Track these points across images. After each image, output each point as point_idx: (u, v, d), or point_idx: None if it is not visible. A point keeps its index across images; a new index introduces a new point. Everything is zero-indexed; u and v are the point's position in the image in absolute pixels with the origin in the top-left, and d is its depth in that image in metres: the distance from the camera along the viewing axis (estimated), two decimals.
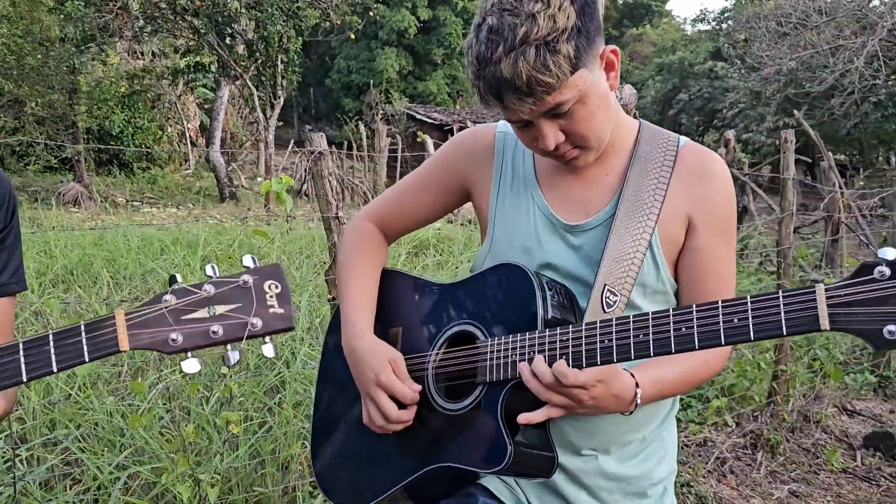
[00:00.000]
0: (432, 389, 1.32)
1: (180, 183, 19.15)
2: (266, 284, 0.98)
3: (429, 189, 1.48)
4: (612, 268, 1.25)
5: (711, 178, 1.30)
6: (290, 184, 2.15)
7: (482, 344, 1.25)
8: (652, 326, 1.06)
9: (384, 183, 15.99)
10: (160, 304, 0.96)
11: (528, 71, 1.11)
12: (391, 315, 1.45)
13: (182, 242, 6.54)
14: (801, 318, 0.94)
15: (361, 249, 1.49)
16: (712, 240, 1.29)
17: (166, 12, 14.78)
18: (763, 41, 18.91)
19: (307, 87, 35.07)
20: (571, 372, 1.09)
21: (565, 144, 1.23)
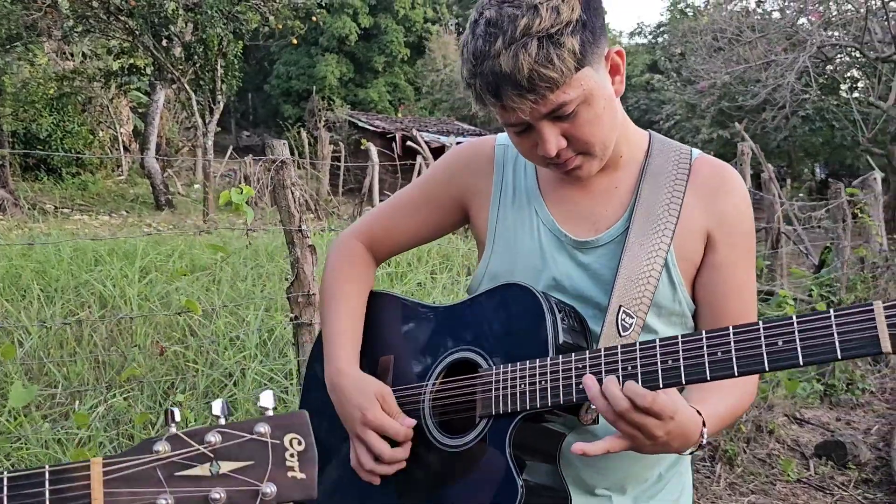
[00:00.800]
0: (430, 424, 1.19)
1: (113, 189, 18.47)
2: (287, 439, 0.78)
3: (423, 206, 1.37)
4: (626, 288, 1.16)
5: (730, 191, 1.22)
6: (250, 194, 2.00)
7: (486, 373, 1.14)
8: (683, 351, 0.97)
9: (327, 191, 15.77)
10: (150, 455, 0.76)
11: (530, 64, 1.01)
12: (381, 342, 1.32)
13: (118, 253, 6.24)
14: (858, 340, 0.87)
15: (348, 272, 1.37)
16: (734, 256, 1.20)
17: (98, 12, 14.24)
18: (698, 55, 19.46)
19: (245, 93, 34.43)
20: (650, 394, 0.95)
21: (567, 151, 1.12)
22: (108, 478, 0.75)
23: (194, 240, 7.18)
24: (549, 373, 1.06)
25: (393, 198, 1.42)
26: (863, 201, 5.69)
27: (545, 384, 1.06)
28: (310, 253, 2.21)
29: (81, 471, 0.74)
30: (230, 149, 22.67)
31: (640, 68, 27.55)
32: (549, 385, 1.06)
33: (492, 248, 1.29)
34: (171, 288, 5.15)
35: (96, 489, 0.74)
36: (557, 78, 1.03)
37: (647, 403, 0.95)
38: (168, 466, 0.75)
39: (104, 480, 0.75)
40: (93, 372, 3.63)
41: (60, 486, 0.74)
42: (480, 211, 1.32)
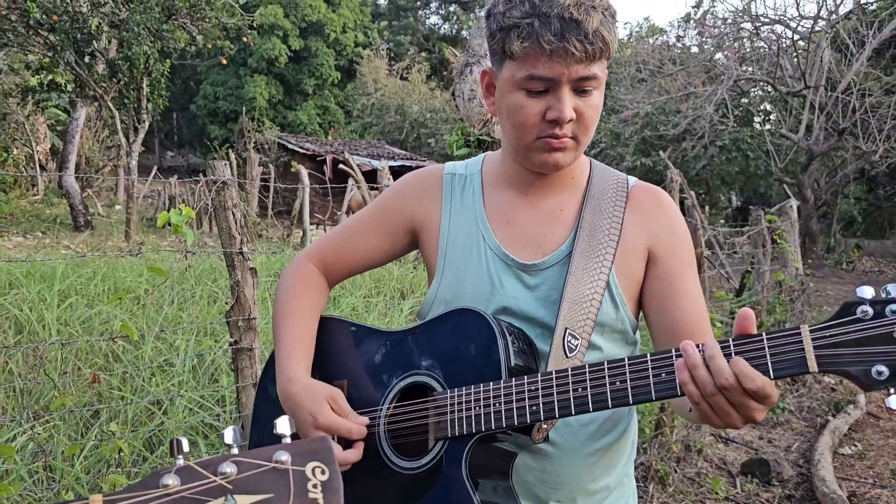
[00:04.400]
0: (385, 447, 1.20)
1: (27, 210, 17.65)
2: (309, 467, 0.70)
3: (374, 230, 1.40)
4: (571, 310, 1.21)
5: (664, 209, 1.30)
6: (190, 215, 1.94)
7: (441, 396, 1.16)
8: (630, 373, 1.02)
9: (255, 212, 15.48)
10: (157, 490, 0.67)
11: (598, 22, 1.11)
12: (334, 367, 1.33)
13: (35, 276, 5.94)
14: (788, 361, 0.93)
15: (299, 292, 1.38)
16: (676, 264, 1.27)
17: (17, 25, 13.68)
18: (622, 85, 20.13)
19: (170, 113, 33.66)
20: (759, 377, 0.95)
21: (569, 127, 1.18)
22: None
23: (117, 262, 6.92)
24: (502, 396, 1.10)
25: (346, 221, 1.45)
26: (780, 228, 5.96)
27: (499, 407, 1.09)
28: (251, 276, 2.16)
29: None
30: (154, 169, 22.04)
31: None
32: (503, 408, 1.09)
33: (441, 274, 1.32)
34: (94, 312, 4.94)
35: None
36: (610, 44, 1.14)
37: (755, 387, 0.94)
38: (178, 502, 0.67)
39: None
40: (9, 401, 3.43)
41: None
42: (430, 237, 1.36)
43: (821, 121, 15.40)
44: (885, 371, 0.89)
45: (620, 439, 1.30)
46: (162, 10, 14.12)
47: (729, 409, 0.96)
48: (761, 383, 0.94)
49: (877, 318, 0.90)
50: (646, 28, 27.44)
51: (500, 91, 1.21)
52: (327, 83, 32.87)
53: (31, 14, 13.13)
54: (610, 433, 1.28)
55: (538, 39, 1.11)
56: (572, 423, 1.24)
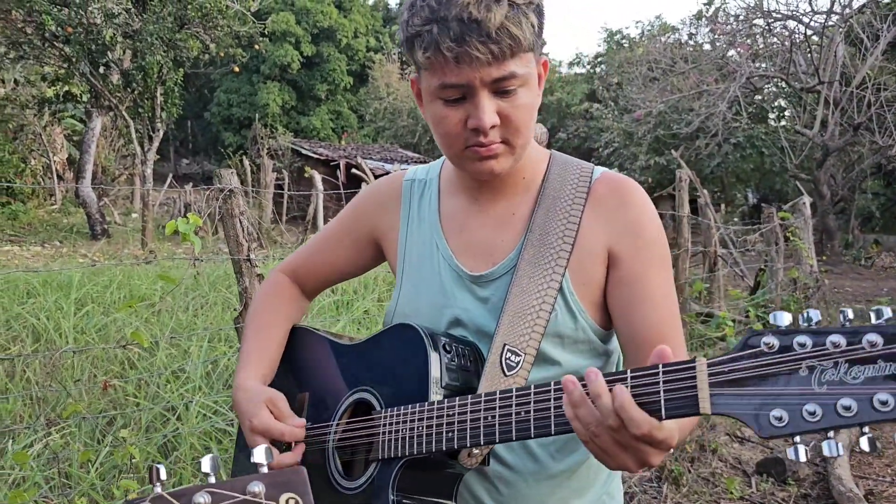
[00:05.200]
0: (332, 465, 1.17)
1: (45, 219, 17.86)
2: (283, 499, 0.70)
3: (341, 242, 1.38)
4: (512, 325, 1.11)
5: (629, 203, 1.17)
6: (198, 223, 1.97)
7: (377, 416, 1.12)
8: (535, 402, 0.94)
9: (270, 218, 15.58)
10: None
11: (502, 18, 1.00)
12: (300, 378, 1.32)
13: (52, 284, 6.02)
14: (680, 400, 0.81)
15: (266, 304, 1.39)
16: (640, 267, 1.14)
17: (33, 38, 13.87)
18: (634, 85, 20.07)
19: (184, 121, 33.91)
20: (646, 421, 0.83)
21: (495, 133, 1.08)
22: None
23: (132, 270, 6.99)
24: (425, 419, 1.04)
25: (316, 235, 1.44)
26: (793, 225, 5.92)
27: (422, 430, 1.04)
28: (258, 282, 2.19)
29: None
30: (169, 177, 22.22)
31: (578, 97, 28.17)
32: (425, 431, 1.04)
33: (401, 286, 1.28)
34: (109, 320, 5.00)
35: None
36: (521, 40, 1.03)
37: (640, 433, 0.83)
38: None
39: None
40: (27, 409, 3.48)
41: None
42: (391, 247, 1.32)
43: (836, 116, 15.26)
44: (785, 417, 0.75)
45: (589, 461, 1.19)
46: (174, 20, 14.27)
47: (617, 451, 0.87)
48: (647, 429, 0.83)
49: (781, 351, 0.76)
50: (658, 26, 27.37)
51: (424, 101, 1.13)
52: (340, 88, 32.99)
53: (47, 27, 13.31)
54: (574, 453, 1.18)
55: (438, 47, 1.02)
56: (530, 443, 1.16)
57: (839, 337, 0.73)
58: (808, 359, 0.74)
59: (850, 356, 0.72)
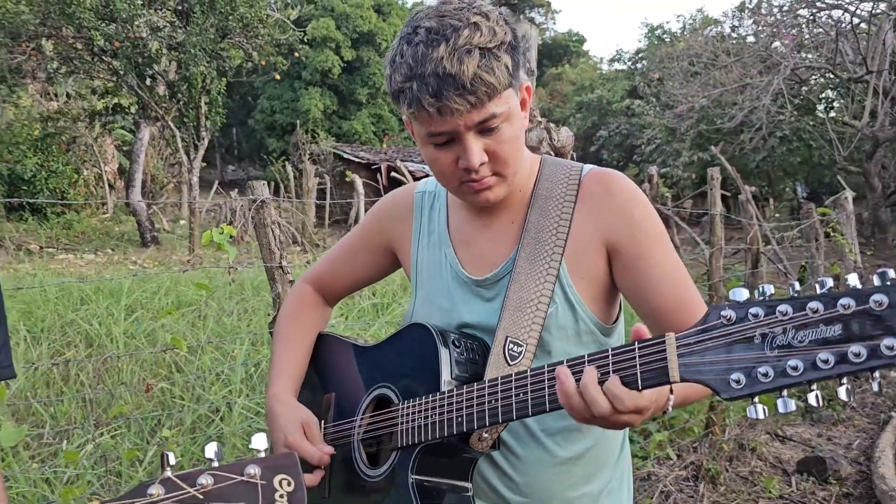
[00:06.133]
0: (357, 456, 1.29)
1: (98, 228, 18.43)
2: (276, 480, 0.81)
3: (359, 252, 1.48)
4: (513, 318, 1.20)
5: (615, 193, 1.23)
6: (231, 233, 2.08)
7: (395, 408, 1.23)
8: (531, 384, 1.04)
9: (312, 223, 15.83)
10: (144, 499, 0.79)
11: (475, 69, 1.07)
12: (325, 381, 1.44)
13: (104, 291, 6.26)
14: (653, 371, 0.91)
15: (293, 315, 1.50)
16: (640, 248, 1.20)
17: (83, 53, 14.37)
18: (676, 80, 19.80)
19: (229, 128, 34.60)
20: (630, 396, 0.95)
21: (485, 168, 1.17)
22: None
23: (180, 276, 7.22)
24: (436, 408, 1.14)
25: (336, 245, 1.53)
26: (835, 220, 5.82)
27: (434, 418, 1.14)
28: (290, 288, 2.28)
29: None
30: (215, 184, 22.72)
31: (619, 94, 27.92)
32: (438, 419, 1.14)
33: (415, 292, 1.38)
34: (157, 325, 5.18)
35: None
36: (496, 85, 1.09)
37: (628, 407, 0.94)
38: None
39: None
40: (80, 411, 3.65)
41: None
42: (405, 257, 1.42)
43: (885, 106, 14.85)
44: (742, 379, 0.83)
45: (596, 447, 1.28)
46: (216, 31, 14.61)
47: (606, 423, 0.98)
48: (632, 404, 0.94)
49: (738, 322, 0.85)
50: (700, 20, 26.95)
51: (417, 142, 1.21)
52: (380, 92, 33.25)
53: (95, 42, 13.77)
54: (580, 441, 1.26)
55: (420, 103, 1.10)
56: (537, 433, 1.25)
57: (786, 306, 0.82)
58: (761, 327, 0.83)
59: (795, 322, 0.81)
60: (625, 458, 1.39)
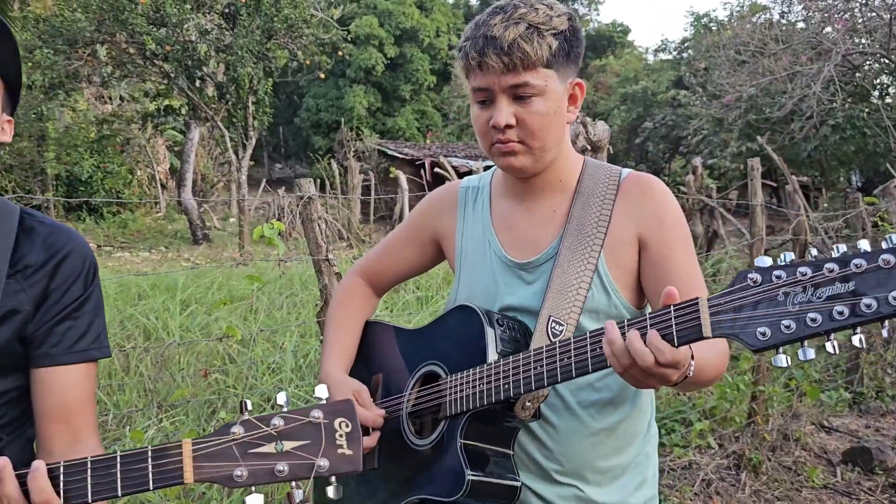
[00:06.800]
0: (406, 428, 1.40)
1: (152, 226, 19.01)
2: (337, 422, 0.95)
3: (406, 245, 1.61)
4: (556, 300, 1.33)
5: (651, 195, 1.37)
6: (280, 229, 2.20)
7: (443, 382, 1.35)
8: (575, 349, 1.16)
9: (358, 219, 16.06)
10: (228, 437, 0.93)
11: (515, 36, 1.25)
12: (373, 363, 1.56)
13: (160, 287, 6.52)
14: (688, 329, 1.02)
15: (343, 303, 1.63)
16: (667, 249, 1.34)
17: (135, 57, 14.84)
18: (723, 69, 19.44)
19: (276, 127, 35.18)
20: (668, 349, 1.04)
21: (513, 132, 1.31)
22: (197, 454, 0.93)
23: (232, 272, 7.46)
24: (484, 378, 1.26)
25: (384, 239, 1.67)
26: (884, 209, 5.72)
27: (482, 387, 1.26)
28: (337, 280, 2.40)
29: (176, 449, 0.94)
30: (263, 182, 23.17)
31: (665, 84, 27.54)
32: (484, 388, 1.25)
33: (459, 278, 1.50)
34: (211, 319, 5.40)
35: (187, 464, 0.92)
36: (530, 55, 1.25)
37: (668, 359, 1.04)
38: (242, 445, 0.92)
39: (193, 457, 0.93)
40: (141, 399, 3.85)
41: (160, 462, 0.94)
42: (449, 246, 1.54)
43: None
44: (768, 332, 0.94)
45: (627, 420, 1.40)
46: (262, 33, 14.93)
47: (645, 378, 1.08)
48: (671, 356, 1.04)
49: (763, 283, 0.96)
50: (747, 7, 26.38)
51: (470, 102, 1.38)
52: (423, 88, 33.45)
53: (147, 46, 14.21)
54: (613, 414, 1.38)
55: (467, 56, 1.30)
56: (573, 405, 1.36)
57: (806, 268, 0.94)
58: (783, 287, 0.95)
59: (814, 281, 0.93)
60: (652, 436, 1.49)
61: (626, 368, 1.08)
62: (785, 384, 4.62)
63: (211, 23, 14.73)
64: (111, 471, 0.94)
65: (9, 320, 1.15)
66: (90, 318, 1.23)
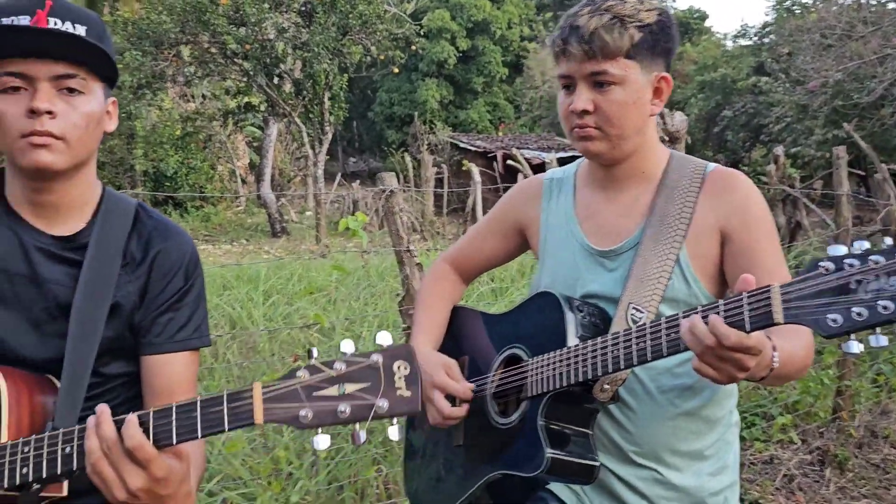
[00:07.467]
0: (490, 408, 1.47)
1: (233, 220, 19.67)
2: (395, 365, 0.98)
3: (491, 234, 1.69)
4: (637, 287, 1.38)
5: (735, 189, 1.40)
6: (364, 221, 2.29)
7: (524, 364, 1.41)
8: (650, 334, 1.19)
9: (431, 211, 16.22)
10: (294, 380, 0.99)
11: (597, 25, 1.32)
12: (460, 346, 1.63)
13: (243, 278, 6.78)
14: (759, 315, 1.04)
15: (431, 287, 1.72)
16: (751, 241, 1.36)
17: (217, 57, 15.37)
18: (807, 54, 18.69)
19: (350, 121, 35.74)
20: (734, 333, 1.06)
21: (590, 118, 1.36)
22: (266, 396, 0.99)
23: (310, 263, 7.69)
24: (563, 360, 1.31)
25: (472, 228, 1.75)
26: None
27: (561, 369, 1.31)
28: (418, 270, 2.48)
29: (247, 393, 1.00)
30: (338, 176, 23.64)
31: (745, 71, 26.65)
32: (563, 370, 1.30)
33: (543, 264, 1.57)
34: (292, 309, 5.59)
35: (257, 406, 0.99)
36: (610, 44, 1.31)
37: (734, 343, 1.06)
38: (307, 388, 0.98)
39: (263, 399, 0.99)
40: (229, 384, 4.04)
41: (234, 405, 1.01)
42: (534, 235, 1.61)
43: None
44: (839, 319, 0.95)
45: (707, 407, 1.42)
46: (338, 29, 15.23)
47: (722, 365, 1.09)
48: (736, 339, 1.05)
49: (836, 271, 0.97)
50: None
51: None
52: (496, 80, 33.37)
53: (228, 46, 14.70)
54: (692, 400, 1.41)
55: (553, 43, 1.39)
56: (652, 390, 1.40)
57: (878, 256, 0.94)
58: (856, 275, 0.96)
59: (887, 269, 0.94)
60: (734, 424, 1.51)
61: (700, 353, 1.10)
62: (873, 380, 4.47)
63: (288, 21, 15.12)
64: (192, 414, 1.02)
65: (120, 310, 1.26)
66: (191, 309, 1.32)
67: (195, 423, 1.01)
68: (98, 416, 1.04)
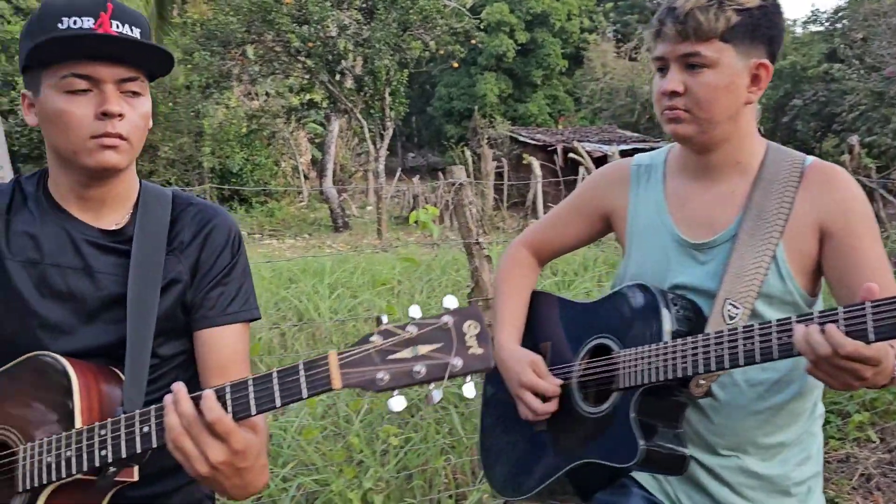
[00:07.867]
0: (576, 396, 1.47)
1: (296, 215, 20.05)
2: (465, 325, 0.99)
3: (574, 217, 1.66)
4: (734, 282, 1.35)
5: (836, 185, 1.36)
6: (434, 214, 2.32)
7: (616, 355, 1.39)
8: (759, 335, 1.18)
9: (491, 206, 16.21)
10: (369, 345, 0.99)
11: (693, 6, 1.30)
12: (541, 331, 1.63)
13: (309, 271, 6.92)
14: (885, 325, 1.02)
15: (511, 274, 1.70)
16: (852, 238, 1.32)
17: (281, 55, 15.68)
18: (883, 39, 17.95)
19: (410, 116, 35.94)
20: (850, 342, 1.06)
21: (680, 100, 1.35)
22: (342, 362, 1.00)
23: (373, 257, 7.79)
24: (661, 355, 1.30)
25: (551, 211, 1.72)
26: None
27: (659, 364, 1.30)
28: (487, 263, 2.50)
29: (323, 361, 1.02)
30: (398, 170, 23.84)
31: (816, 58, 25.73)
32: (661, 364, 1.29)
33: (630, 253, 1.54)
34: (357, 301, 5.68)
35: (334, 372, 1.00)
36: (704, 25, 1.29)
37: (846, 352, 1.05)
38: (381, 352, 0.99)
39: (339, 365, 1.01)
40: None
41: (310, 373, 1.02)
42: (620, 221, 1.58)
43: None
44: None
45: (794, 401, 1.41)
46: (398, 25, 15.35)
47: (838, 374, 1.08)
48: (852, 348, 1.04)
49: None
50: None
51: None
52: (555, 73, 33.06)
53: (292, 44, 14.98)
54: (780, 394, 1.39)
55: (651, 25, 1.38)
56: (740, 382, 1.39)
57: None
58: None
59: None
60: (818, 415, 1.49)
61: (814, 361, 1.09)
62: None
63: (350, 18, 15.32)
64: (268, 385, 1.04)
65: (171, 290, 1.31)
66: (239, 282, 1.36)
67: (272, 393, 1.04)
68: (175, 394, 1.08)
